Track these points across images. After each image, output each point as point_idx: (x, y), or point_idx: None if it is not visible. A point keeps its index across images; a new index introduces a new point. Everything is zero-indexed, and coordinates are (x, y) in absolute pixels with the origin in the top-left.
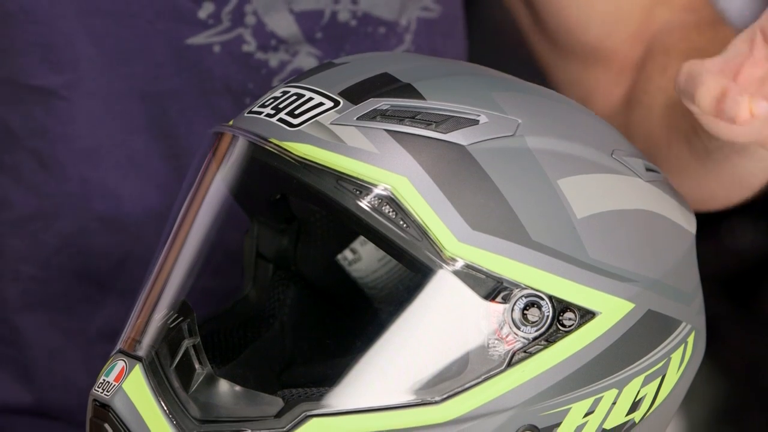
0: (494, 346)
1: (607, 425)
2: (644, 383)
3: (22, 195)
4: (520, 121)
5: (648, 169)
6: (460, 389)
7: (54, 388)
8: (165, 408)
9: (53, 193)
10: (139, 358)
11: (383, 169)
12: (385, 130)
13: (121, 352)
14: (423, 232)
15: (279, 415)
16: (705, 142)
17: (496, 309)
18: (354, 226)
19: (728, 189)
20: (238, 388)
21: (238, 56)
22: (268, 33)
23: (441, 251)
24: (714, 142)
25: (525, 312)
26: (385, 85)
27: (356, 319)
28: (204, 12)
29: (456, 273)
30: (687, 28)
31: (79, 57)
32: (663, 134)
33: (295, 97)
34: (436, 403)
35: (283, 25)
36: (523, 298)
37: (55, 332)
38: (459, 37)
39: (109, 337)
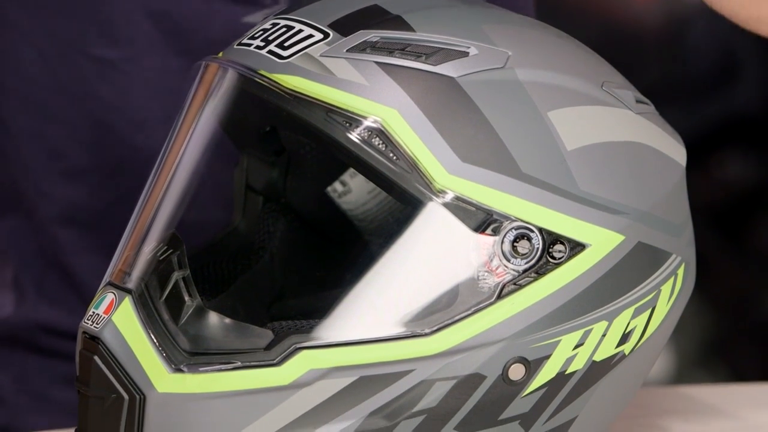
0: (484, 279)
1: (597, 357)
2: (634, 315)
3: (77, 149)
4: (510, 53)
5: (638, 101)
6: (450, 321)
7: None
8: (154, 340)
9: (108, 154)
10: (128, 291)
11: (373, 101)
12: (375, 62)
13: (111, 284)
14: (413, 165)
15: (269, 347)
16: None
17: (486, 241)
18: (344, 159)
19: None
20: (227, 320)
21: None
22: None
23: (431, 183)
24: None
25: (515, 244)
26: (374, 16)
27: (346, 251)
28: None
29: (446, 205)
30: None
31: (136, 33)
32: None
33: (284, 29)
34: (426, 335)
35: None
36: (513, 230)
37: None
38: None
39: None
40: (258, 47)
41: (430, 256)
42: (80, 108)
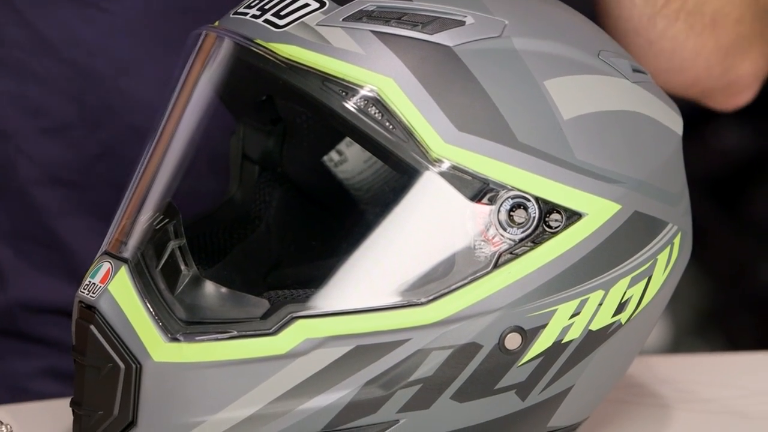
0: (480, 248)
1: (593, 326)
2: (630, 285)
3: (59, 103)
4: (506, 22)
5: (635, 70)
6: (446, 291)
7: None
8: (151, 310)
9: (92, 104)
10: (124, 260)
11: (369, 70)
12: (371, 31)
13: (107, 253)
14: (409, 134)
15: (265, 316)
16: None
17: (483, 210)
18: (340, 128)
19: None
20: (224, 289)
21: None
22: None
23: (427, 152)
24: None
25: (511, 213)
26: None
27: (342, 220)
28: None
29: (442, 174)
30: None
31: None
32: None
33: None
34: (422, 304)
35: None
36: (510, 199)
37: (94, 238)
38: None
39: None
40: (254, 16)
41: (426, 226)
42: (62, 56)
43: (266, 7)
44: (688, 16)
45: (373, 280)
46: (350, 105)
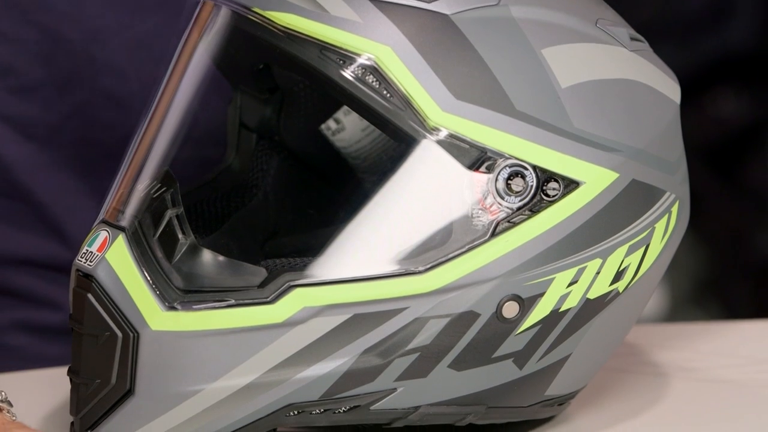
0: (478, 216)
1: (591, 295)
2: (628, 253)
3: (29, 64)
4: None
5: (633, 38)
6: (444, 259)
7: (72, 240)
8: (148, 278)
9: (61, 66)
10: (122, 228)
11: (367, 38)
12: None
13: (104, 222)
14: (406, 102)
15: (262, 285)
16: None
17: (480, 179)
18: (337, 96)
19: None
20: (221, 258)
21: None
22: None
23: (424, 121)
24: None
25: (509, 182)
26: None
27: (340, 189)
28: None
29: (440, 143)
30: None
31: None
32: None
33: None
34: (419, 273)
35: None
36: (507, 167)
37: (68, 193)
38: None
39: None
40: None
41: (423, 194)
42: (30, 19)
43: None
44: None
45: (370, 248)
46: (348, 73)
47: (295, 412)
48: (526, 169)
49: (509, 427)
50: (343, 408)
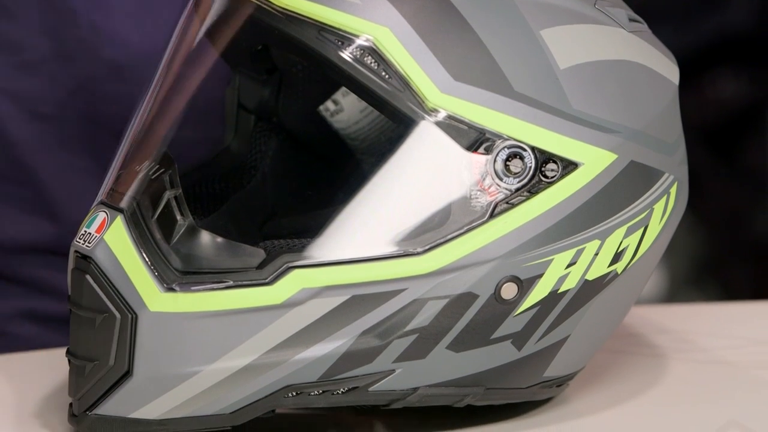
0: (476, 197)
1: (590, 276)
2: (627, 234)
3: (34, 38)
4: None
5: (631, 20)
6: (442, 240)
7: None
8: (146, 259)
9: (65, 38)
10: (120, 210)
11: (365, 19)
12: None
13: (103, 203)
14: (405, 83)
15: (261, 266)
16: None
17: (479, 160)
18: (336, 77)
19: None
20: (219, 239)
21: None
22: None
23: (423, 102)
24: None
25: (507, 163)
26: None
27: (338, 170)
28: None
29: (438, 124)
30: None
31: None
32: None
33: None
34: (418, 254)
35: None
36: (506, 149)
37: (72, 174)
38: None
39: None
40: None
41: (422, 175)
42: None
43: None
44: None
45: (369, 229)
46: (346, 54)
47: (294, 394)
48: (525, 150)
49: (507, 408)
50: (341, 389)
